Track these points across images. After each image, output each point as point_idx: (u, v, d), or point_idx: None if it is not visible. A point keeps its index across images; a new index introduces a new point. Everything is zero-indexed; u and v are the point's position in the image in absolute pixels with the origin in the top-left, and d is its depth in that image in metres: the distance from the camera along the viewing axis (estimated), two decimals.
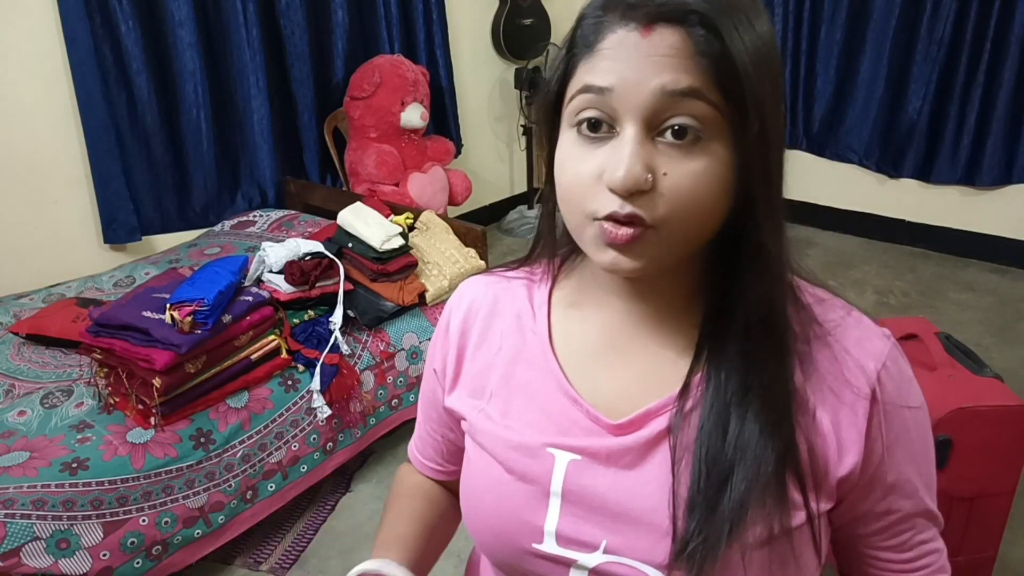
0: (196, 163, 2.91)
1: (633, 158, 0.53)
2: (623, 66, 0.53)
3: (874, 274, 3.60)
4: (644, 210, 0.54)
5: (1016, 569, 1.90)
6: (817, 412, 0.59)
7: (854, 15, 3.67)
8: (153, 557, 1.73)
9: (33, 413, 1.79)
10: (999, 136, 3.42)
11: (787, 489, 0.57)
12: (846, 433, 0.60)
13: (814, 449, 0.59)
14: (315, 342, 2.10)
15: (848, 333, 0.61)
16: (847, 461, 0.60)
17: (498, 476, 0.65)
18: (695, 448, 0.58)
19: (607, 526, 0.60)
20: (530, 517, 0.63)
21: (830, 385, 0.60)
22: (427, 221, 2.64)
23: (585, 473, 0.61)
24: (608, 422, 0.62)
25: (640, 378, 0.63)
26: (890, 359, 0.61)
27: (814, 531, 0.60)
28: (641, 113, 0.53)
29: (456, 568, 2.00)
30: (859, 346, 0.61)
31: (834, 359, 0.60)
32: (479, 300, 0.73)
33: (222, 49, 2.90)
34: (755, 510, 0.56)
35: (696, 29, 0.52)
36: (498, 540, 0.65)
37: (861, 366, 0.60)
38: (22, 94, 2.48)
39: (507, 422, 0.66)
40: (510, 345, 0.69)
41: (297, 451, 2.02)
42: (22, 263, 2.58)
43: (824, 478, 0.60)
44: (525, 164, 4.21)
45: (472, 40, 3.89)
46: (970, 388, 1.56)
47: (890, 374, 0.61)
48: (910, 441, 0.62)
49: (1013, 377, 2.61)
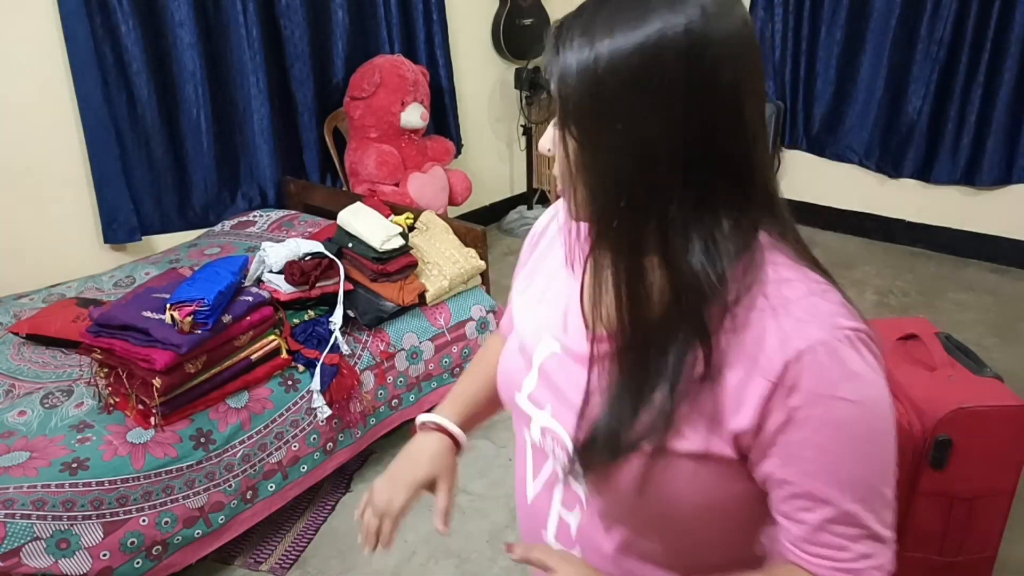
0: (196, 163, 2.91)
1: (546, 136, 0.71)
2: None
3: (874, 274, 3.60)
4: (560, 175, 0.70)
5: (1016, 569, 1.90)
6: (727, 368, 0.66)
7: (854, 15, 3.67)
8: (153, 557, 1.73)
9: (33, 413, 1.79)
10: (999, 136, 3.42)
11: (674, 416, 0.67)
12: (748, 396, 0.66)
13: (717, 398, 0.67)
14: (315, 342, 2.10)
15: (791, 312, 0.66)
16: (741, 419, 0.66)
17: (516, 345, 0.88)
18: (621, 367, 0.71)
19: (554, 399, 0.79)
20: (518, 376, 0.85)
21: (749, 350, 0.66)
22: (427, 221, 2.64)
23: (557, 362, 0.80)
24: (590, 331, 0.75)
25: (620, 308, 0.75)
26: (823, 346, 0.64)
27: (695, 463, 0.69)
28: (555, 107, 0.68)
29: (456, 568, 2.00)
30: (794, 326, 0.65)
31: (764, 330, 0.66)
32: (551, 220, 0.92)
33: (222, 49, 2.90)
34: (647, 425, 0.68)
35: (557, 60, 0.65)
36: (503, 386, 0.89)
37: (784, 343, 0.64)
38: (22, 94, 2.48)
39: (534, 312, 0.86)
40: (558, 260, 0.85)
41: (297, 451, 2.02)
42: (22, 263, 2.58)
43: (718, 426, 0.68)
44: (525, 164, 4.21)
45: (472, 40, 3.89)
46: (970, 388, 1.56)
47: (819, 360, 0.64)
48: (822, 428, 0.65)
49: (1013, 377, 2.61)
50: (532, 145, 4.15)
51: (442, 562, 2.01)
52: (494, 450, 2.40)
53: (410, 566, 2.00)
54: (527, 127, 4.06)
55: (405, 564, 2.01)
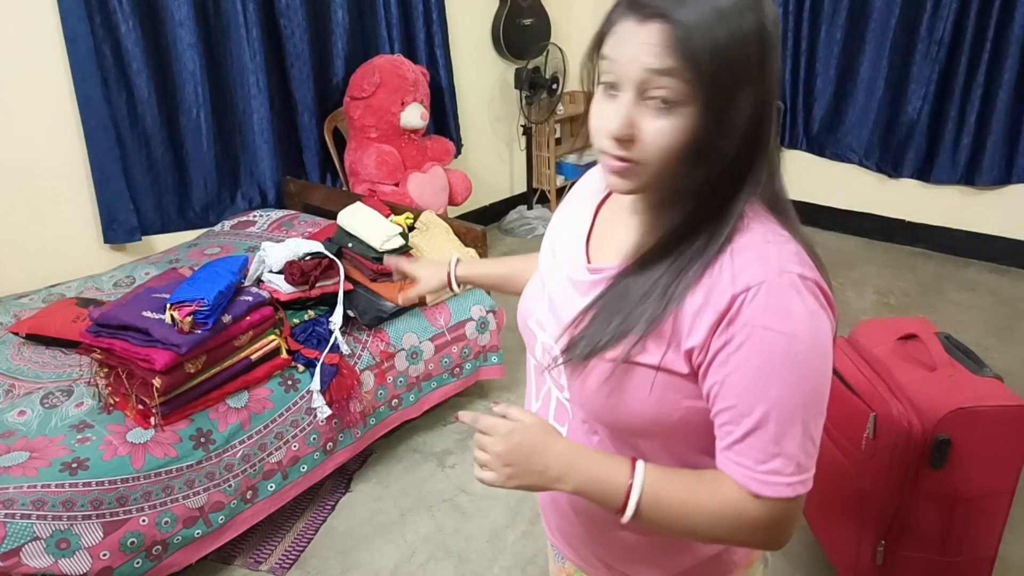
0: (196, 163, 2.91)
1: (621, 116, 0.75)
2: (625, 47, 0.74)
3: (874, 274, 3.60)
4: (627, 151, 0.76)
5: (1016, 569, 1.90)
6: (688, 299, 0.78)
7: (854, 15, 3.67)
8: (153, 557, 1.73)
9: (33, 413, 1.79)
10: (999, 136, 3.42)
11: (645, 337, 0.80)
12: (700, 320, 0.78)
13: (677, 321, 0.79)
14: (315, 342, 2.10)
15: (745, 255, 0.78)
16: (693, 339, 0.78)
17: (537, 278, 1.01)
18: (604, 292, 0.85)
19: (554, 321, 0.92)
20: (533, 304, 0.98)
21: (707, 283, 0.78)
22: (427, 221, 2.64)
23: (562, 290, 0.92)
24: (588, 265, 0.90)
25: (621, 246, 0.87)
26: (767, 286, 0.76)
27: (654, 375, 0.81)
28: (633, 82, 0.74)
29: (456, 568, 2.00)
30: (744, 268, 0.77)
31: (721, 268, 0.78)
32: (584, 180, 1.02)
33: (222, 49, 2.90)
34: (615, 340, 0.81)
35: (676, 24, 0.71)
36: (521, 312, 1.00)
37: (734, 280, 0.76)
38: (22, 94, 2.49)
39: (552, 250, 0.98)
40: (581, 208, 0.98)
41: (297, 451, 2.02)
42: (22, 263, 2.58)
43: (675, 344, 0.80)
44: (525, 164, 4.21)
45: (472, 40, 3.89)
46: (970, 388, 1.56)
47: (761, 296, 0.75)
48: (755, 354, 0.76)
49: (1013, 377, 2.61)
50: (532, 145, 4.14)
51: (442, 562, 2.01)
52: None
53: (410, 566, 2.00)
54: (527, 127, 4.06)
55: (405, 564, 2.01)
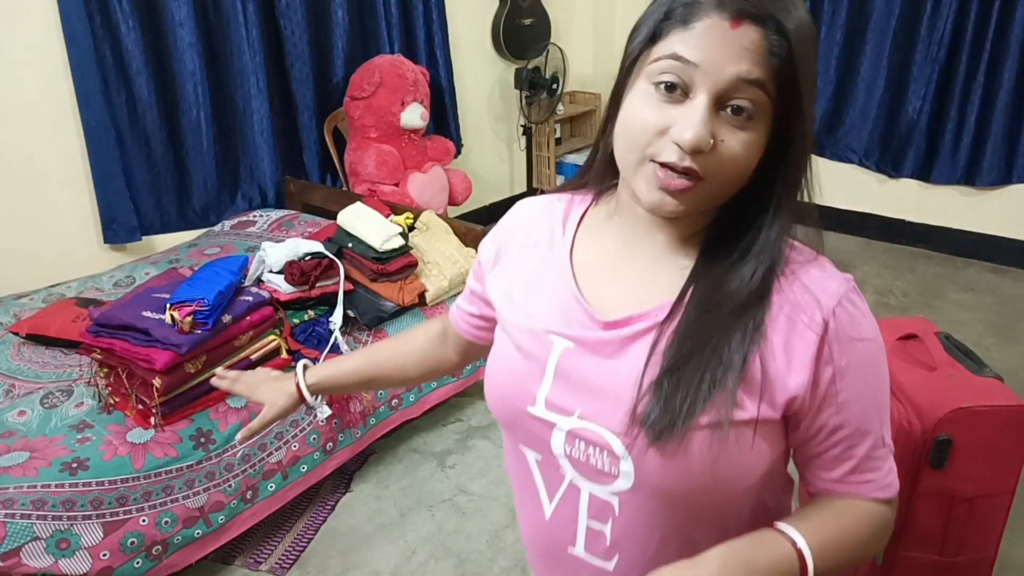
0: (196, 163, 2.91)
1: (703, 124, 0.65)
2: (711, 48, 0.66)
3: (874, 274, 3.60)
4: (699, 166, 0.67)
5: (1016, 569, 1.90)
6: (771, 334, 0.71)
7: (854, 15, 3.67)
8: (153, 557, 1.73)
9: (33, 413, 1.79)
10: (999, 136, 3.42)
11: (737, 390, 0.70)
12: (797, 356, 0.71)
13: (765, 365, 0.71)
14: (315, 342, 2.10)
15: (809, 272, 0.73)
16: (796, 381, 0.71)
17: (512, 354, 0.82)
18: (670, 346, 0.72)
19: (583, 398, 0.76)
20: (528, 385, 0.79)
21: (787, 313, 0.71)
22: (427, 221, 2.64)
23: (574, 357, 0.77)
24: (600, 319, 0.77)
25: (633, 291, 0.77)
26: (846, 298, 0.72)
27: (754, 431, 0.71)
28: (715, 90, 0.66)
29: (456, 568, 2.00)
30: (817, 284, 0.72)
31: (792, 293, 0.72)
32: (526, 216, 0.90)
33: (222, 49, 2.90)
34: (708, 401, 0.69)
35: (772, 32, 0.65)
36: (504, 402, 0.82)
37: (817, 300, 0.71)
38: (22, 94, 2.48)
39: (525, 310, 0.82)
40: (541, 253, 0.85)
41: (297, 451, 2.02)
42: (22, 263, 2.58)
43: (768, 389, 0.71)
44: (525, 164, 4.21)
45: (472, 40, 3.89)
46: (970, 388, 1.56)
47: (845, 310, 0.72)
48: (861, 367, 0.73)
49: (1013, 377, 2.61)
50: (532, 145, 4.14)
51: (442, 562, 2.01)
52: (494, 450, 2.40)
53: (410, 566, 2.00)
54: (527, 127, 4.06)
55: (405, 564, 2.00)
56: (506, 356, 0.83)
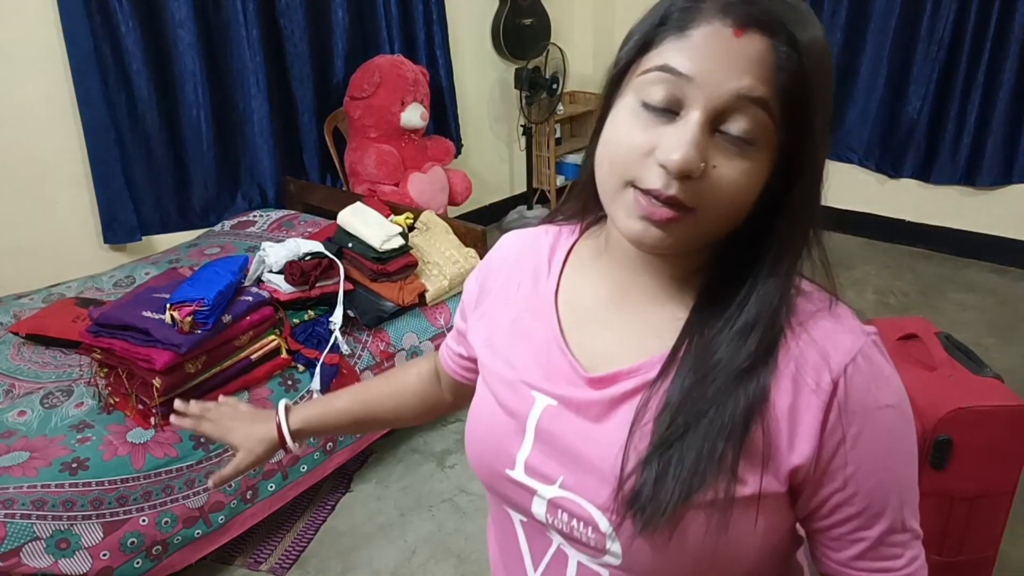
0: (196, 163, 2.91)
1: (694, 145, 0.56)
2: (709, 60, 0.56)
3: (874, 274, 3.60)
4: (686, 195, 0.57)
5: (1016, 569, 1.90)
6: (774, 397, 0.61)
7: (854, 15, 3.67)
8: (153, 557, 1.73)
9: (33, 413, 1.79)
10: (999, 136, 3.42)
11: (737, 463, 0.60)
12: (801, 423, 0.61)
13: (767, 432, 0.61)
14: (315, 342, 2.10)
15: (820, 324, 0.63)
16: (800, 450, 0.61)
17: (492, 408, 0.73)
18: (659, 413, 0.62)
19: (566, 465, 0.67)
20: (507, 446, 0.70)
21: (791, 374, 0.61)
22: (427, 221, 2.64)
23: (557, 418, 0.68)
24: (585, 374, 0.67)
25: (622, 342, 0.68)
26: (861, 355, 0.62)
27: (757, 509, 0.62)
28: (711, 107, 0.56)
29: (456, 568, 2.00)
30: (828, 339, 0.62)
31: (798, 349, 0.62)
32: (511, 251, 0.81)
33: (222, 49, 2.90)
34: (704, 483, 0.60)
35: (781, 43, 0.56)
36: (483, 461, 0.73)
37: (826, 359, 0.61)
38: (22, 94, 2.48)
39: (506, 360, 0.73)
40: (523, 295, 0.76)
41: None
42: (22, 263, 2.58)
43: (771, 461, 0.61)
44: (525, 164, 4.21)
45: (472, 40, 3.89)
46: (970, 388, 1.56)
47: (861, 370, 0.61)
48: (876, 440, 0.62)
49: (1013, 377, 2.61)
50: (532, 145, 4.14)
51: (442, 562, 2.01)
52: None
53: (410, 566, 2.00)
54: (527, 127, 4.06)
55: (405, 564, 2.00)
56: (486, 410, 0.74)
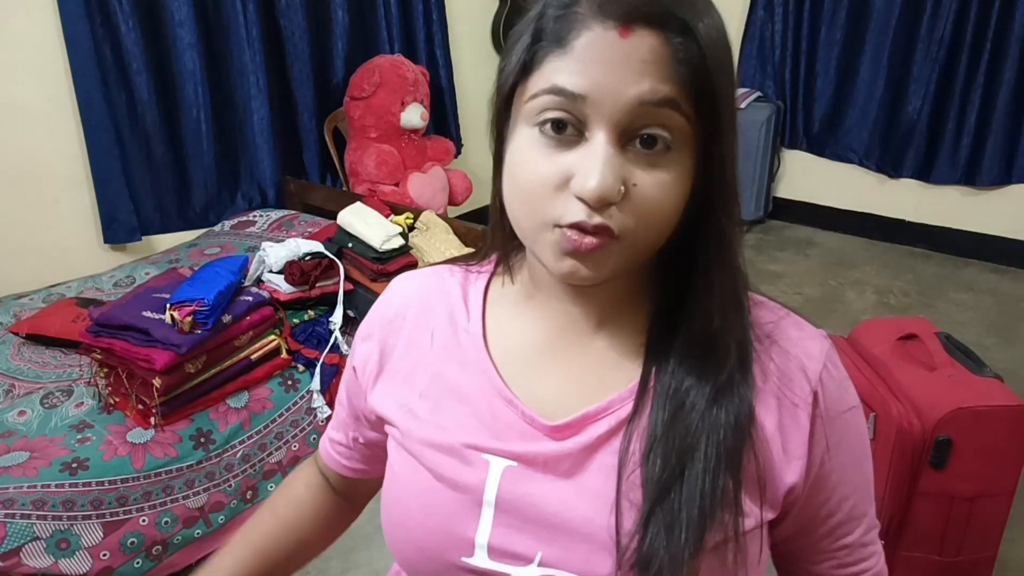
0: (196, 163, 2.91)
1: (607, 168, 0.50)
2: (599, 71, 0.50)
3: (874, 274, 3.59)
4: (612, 221, 0.52)
5: (1016, 569, 1.90)
6: (761, 419, 0.57)
7: (854, 15, 3.67)
8: (153, 557, 1.73)
9: (33, 413, 1.79)
10: (999, 136, 3.42)
11: (739, 494, 0.55)
12: (791, 440, 0.58)
13: (760, 455, 0.57)
14: (315, 342, 2.10)
15: (786, 334, 0.60)
16: (794, 468, 0.58)
17: (426, 484, 0.61)
18: (646, 458, 0.55)
19: (543, 537, 0.57)
20: (460, 528, 0.59)
21: (771, 389, 0.58)
22: (427, 221, 2.64)
23: (520, 481, 0.58)
24: (545, 424, 0.59)
25: (580, 380, 0.60)
26: (829, 361, 0.60)
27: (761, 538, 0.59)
28: (615, 122, 0.51)
29: None
30: (798, 346, 0.59)
31: (772, 362, 0.58)
32: (410, 297, 0.71)
33: (222, 49, 2.90)
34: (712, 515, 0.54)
35: (675, 35, 0.50)
36: (423, 554, 0.60)
37: (803, 368, 0.59)
38: (22, 94, 2.48)
39: (437, 424, 0.62)
40: (441, 344, 0.66)
41: (297, 451, 2.02)
42: (22, 263, 2.57)
43: (768, 486, 0.58)
44: None
45: (472, 40, 3.89)
46: (970, 388, 1.56)
47: (831, 376, 0.60)
48: (850, 444, 0.61)
49: (1013, 377, 2.61)
50: None
51: None
52: None
53: None
54: None
55: None
56: (418, 490, 0.61)
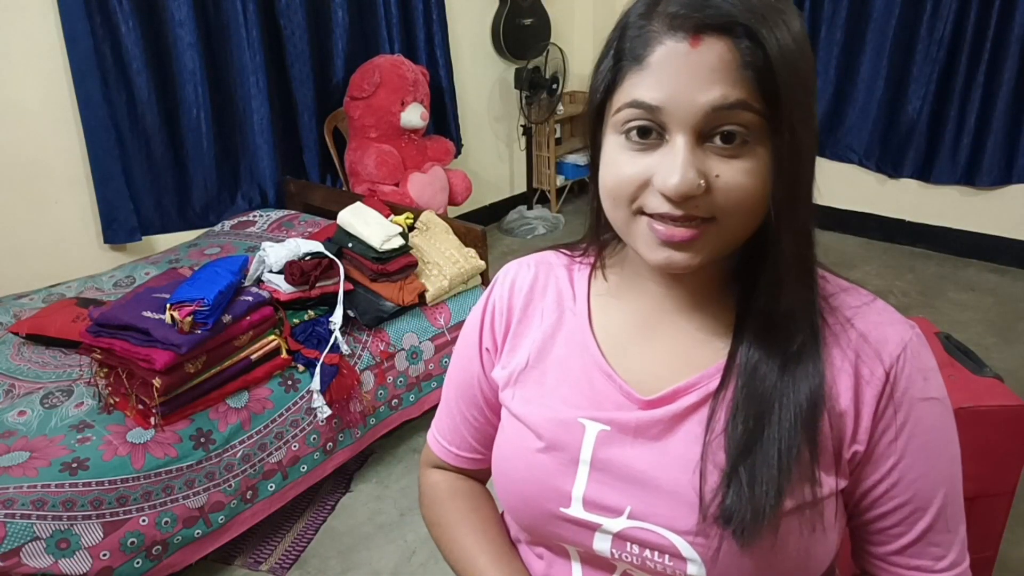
0: (196, 163, 2.91)
1: (687, 166, 0.55)
2: (673, 82, 0.55)
3: (874, 274, 3.60)
4: (701, 209, 0.57)
5: (1016, 569, 1.90)
6: (836, 392, 0.62)
7: (854, 15, 3.67)
8: (153, 557, 1.73)
9: (33, 413, 1.79)
10: (999, 136, 3.42)
11: (817, 464, 0.60)
12: (862, 415, 0.62)
13: (834, 428, 0.62)
14: (315, 342, 2.10)
15: (869, 318, 0.65)
16: (859, 440, 0.63)
17: (530, 443, 0.69)
18: (729, 425, 0.61)
19: (632, 493, 0.64)
20: (559, 483, 0.66)
21: (847, 367, 0.63)
22: (427, 221, 2.64)
23: (613, 443, 0.65)
24: (639, 397, 0.65)
25: (671, 358, 0.66)
26: (910, 348, 0.64)
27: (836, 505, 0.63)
28: (691, 126, 0.56)
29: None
30: (878, 331, 0.64)
31: (850, 342, 0.63)
32: (523, 278, 0.77)
33: (222, 49, 2.90)
34: (790, 482, 0.59)
35: (742, 40, 0.54)
36: (527, 504, 0.69)
37: (878, 351, 0.63)
38: (22, 94, 2.49)
39: (542, 392, 0.70)
40: (550, 323, 0.73)
41: (297, 451, 2.02)
42: (22, 263, 2.58)
43: (840, 456, 0.62)
44: (525, 164, 4.21)
45: (472, 40, 3.89)
46: (970, 388, 1.56)
47: (909, 362, 0.63)
48: (922, 434, 0.63)
49: (1013, 377, 2.61)
50: (532, 145, 4.14)
51: (441, 562, 2.00)
52: None
53: (410, 566, 2.00)
54: (527, 127, 4.06)
55: (405, 564, 2.00)
56: (523, 448, 0.69)
